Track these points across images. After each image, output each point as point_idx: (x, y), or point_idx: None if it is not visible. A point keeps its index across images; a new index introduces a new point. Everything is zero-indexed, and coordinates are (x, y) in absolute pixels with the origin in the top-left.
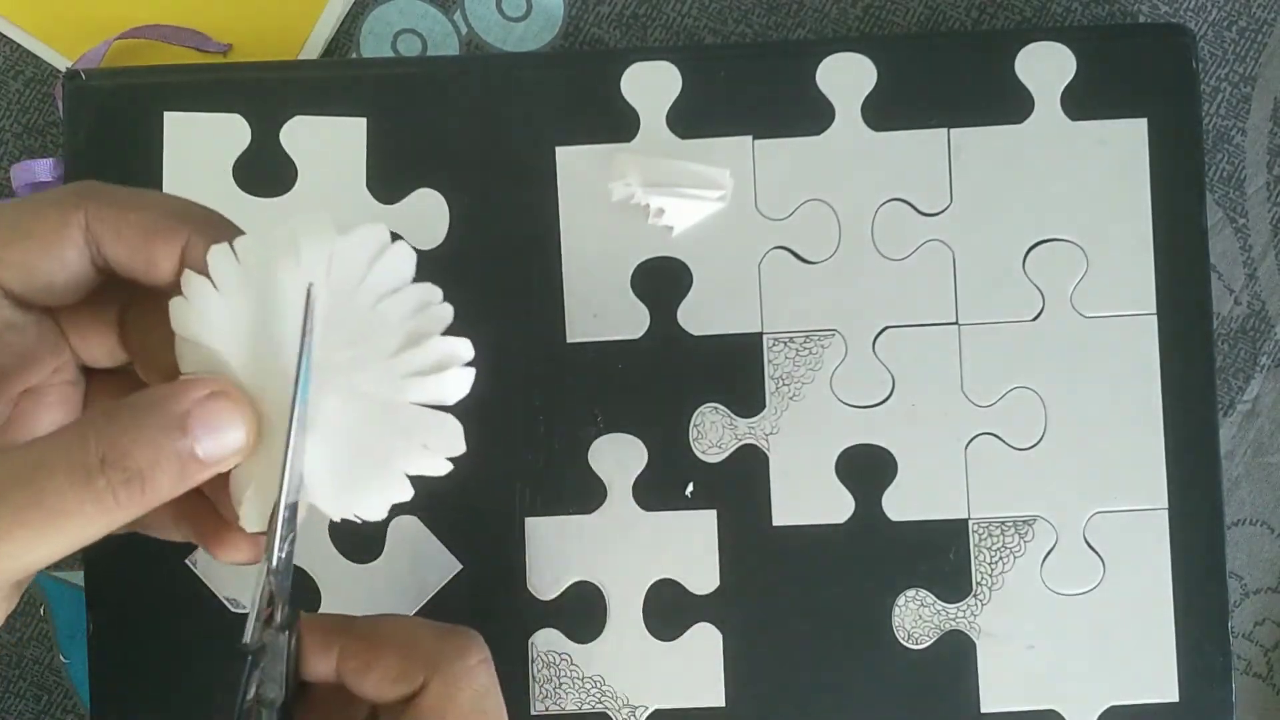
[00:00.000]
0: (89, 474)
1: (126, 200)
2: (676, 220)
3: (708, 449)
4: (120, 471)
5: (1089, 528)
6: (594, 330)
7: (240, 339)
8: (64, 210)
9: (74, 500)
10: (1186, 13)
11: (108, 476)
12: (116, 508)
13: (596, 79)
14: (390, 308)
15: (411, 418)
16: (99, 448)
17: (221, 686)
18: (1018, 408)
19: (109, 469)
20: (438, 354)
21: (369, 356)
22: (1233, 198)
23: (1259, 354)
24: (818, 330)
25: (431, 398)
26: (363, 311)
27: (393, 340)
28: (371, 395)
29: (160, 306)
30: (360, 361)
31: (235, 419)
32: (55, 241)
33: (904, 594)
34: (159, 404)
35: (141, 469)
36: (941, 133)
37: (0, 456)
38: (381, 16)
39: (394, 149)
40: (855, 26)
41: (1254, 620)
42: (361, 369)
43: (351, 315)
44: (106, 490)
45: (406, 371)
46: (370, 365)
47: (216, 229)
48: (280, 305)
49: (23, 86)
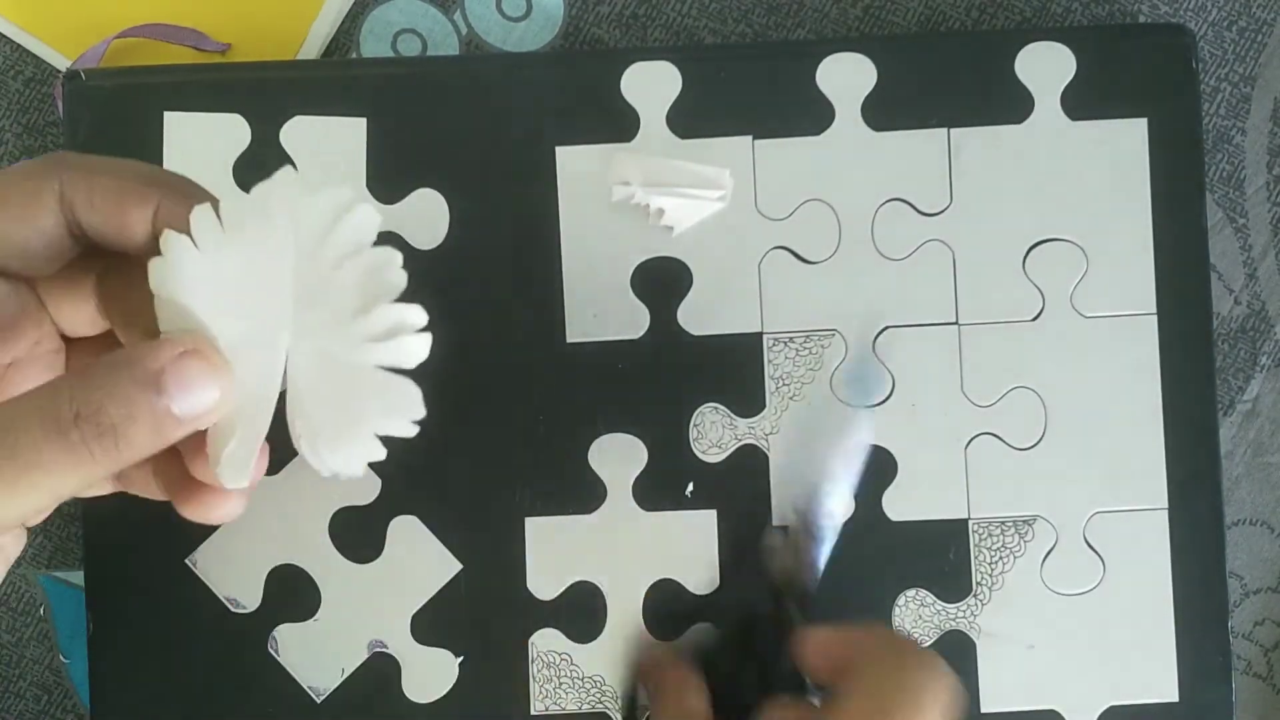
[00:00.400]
0: (62, 427)
1: (98, 166)
2: (676, 220)
3: (708, 449)
4: (94, 426)
5: (1089, 528)
6: (594, 330)
7: (218, 297)
8: (37, 179)
9: (48, 453)
10: (1186, 13)
11: (81, 430)
12: (91, 460)
13: (596, 79)
14: (349, 269)
15: (375, 381)
16: (74, 402)
17: (222, 685)
18: (1018, 408)
19: (82, 422)
20: (388, 321)
21: (331, 318)
22: (1233, 198)
23: (1259, 354)
24: (818, 330)
25: (391, 362)
26: (325, 271)
27: (351, 302)
28: (336, 356)
29: (136, 271)
30: (324, 323)
31: (209, 377)
32: (31, 210)
33: (904, 594)
34: (134, 361)
35: (115, 423)
36: (941, 133)
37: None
38: (381, 16)
39: (394, 149)
40: (855, 26)
41: (1254, 620)
42: (326, 330)
43: (314, 274)
44: (80, 443)
45: (364, 336)
46: (333, 327)
47: (186, 192)
48: (256, 263)
49: (22, 86)
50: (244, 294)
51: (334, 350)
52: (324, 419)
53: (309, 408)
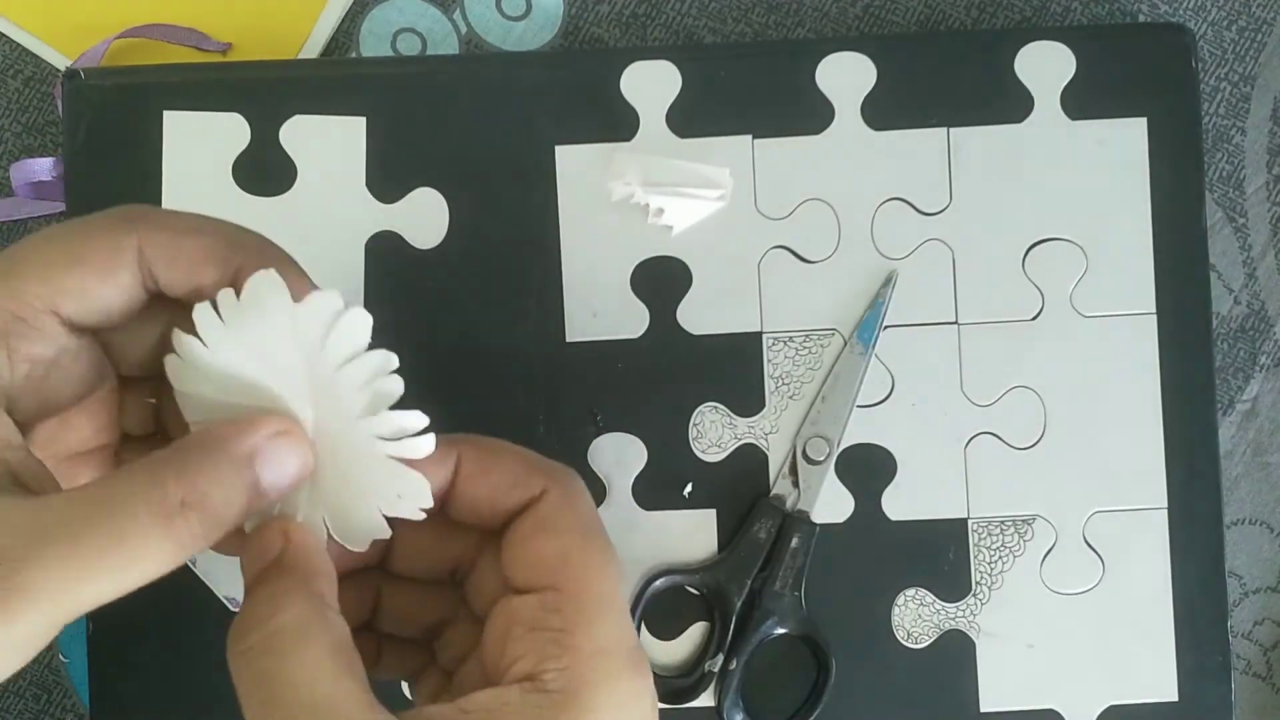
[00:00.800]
0: (168, 514)
1: (180, 226)
2: (676, 219)
3: (707, 448)
4: (199, 512)
5: (1088, 527)
6: (593, 329)
7: (235, 387)
8: (116, 235)
9: (155, 540)
10: (1186, 12)
11: (185, 517)
12: (191, 544)
13: (596, 78)
14: (349, 374)
15: (385, 472)
16: (178, 490)
17: (222, 685)
18: (1017, 407)
19: (188, 510)
20: (392, 426)
21: (341, 411)
22: (1232, 197)
23: (1258, 353)
24: (817, 330)
25: (398, 455)
26: (327, 374)
27: (355, 405)
28: (349, 443)
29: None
30: (335, 413)
31: (296, 453)
32: (110, 267)
33: (903, 593)
34: (228, 441)
35: (217, 509)
36: (941, 132)
37: (74, 494)
38: (381, 16)
39: (393, 148)
40: (855, 26)
41: (1253, 620)
42: (337, 420)
43: (320, 371)
44: (184, 529)
45: (372, 434)
46: (343, 419)
47: (266, 254)
48: (265, 354)
49: (22, 85)
50: (259, 382)
51: (346, 438)
52: (336, 497)
53: (322, 484)
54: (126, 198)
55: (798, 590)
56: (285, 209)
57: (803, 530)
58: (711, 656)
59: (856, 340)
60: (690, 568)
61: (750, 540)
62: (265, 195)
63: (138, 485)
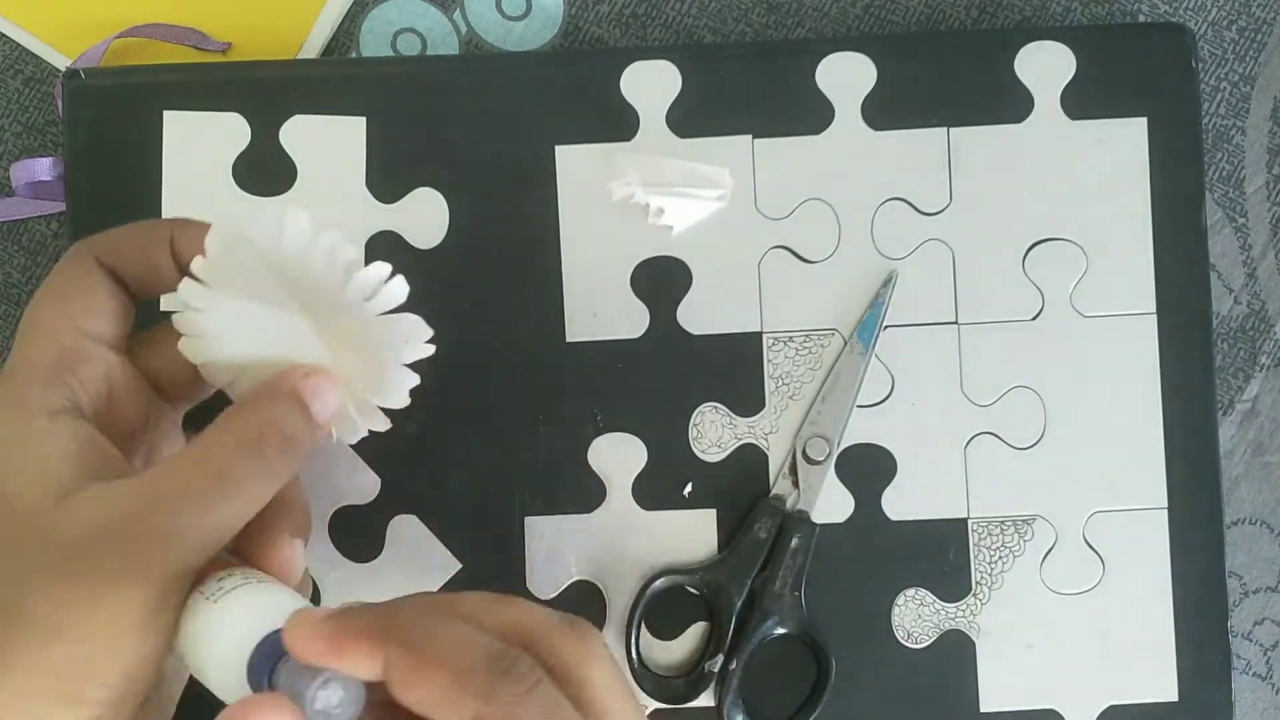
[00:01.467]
0: (254, 444)
1: (116, 233)
2: (676, 219)
3: (707, 448)
4: (275, 438)
5: (1088, 527)
6: (593, 329)
7: (240, 339)
8: (81, 260)
9: (248, 466)
10: (1186, 12)
11: (266, 444)
12: (279, 466)
13: (596, 78)
14: (315, 261)
15: (383, 326)
16: (255, 423)
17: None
18: (1017, 407)
19: (266, 438)
20: (368, 284)
21: (327, 305)
22: (1232, 197)
23: (1258, 353)
24: (817, 329)
25: (384, 307)
26: (301, 274)
27: (333, 285)
28: (345, 325)
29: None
30: (323, 307)
31: (329, 384)
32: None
33: (903, 593)
34: (275, 384)
35: (287, 432)
36: (941, 132)
37: (174, 456)
38: (381, 15)
39: (393, 148)
40: (855, 26)
41: (1253, 620)
42: (327, 313)
43: (294, 282)
44: (270, 455)
45: (357, 300)
46: (332, 308)
47: (190, 224)
48: (249, 294)
49: (22, 85)
50: (257, 316)
51: (340, 322)
52: (356, 373)
53: (344, 373)
54: (126, 198)
55: (798, 590)
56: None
57: (803, 530)
58: (711, 657)
59: (856, 340)
60: (690, 568)
61: (750, 540)
62: (265, 195)
63: (221, 430)
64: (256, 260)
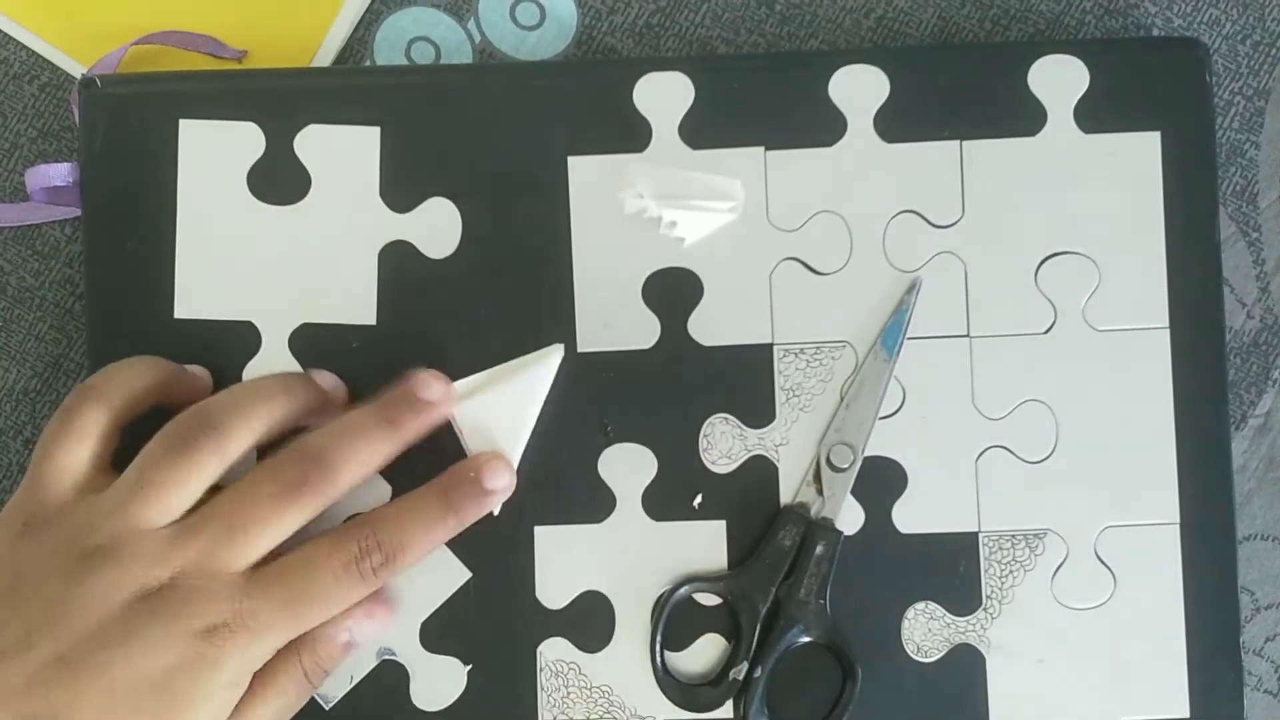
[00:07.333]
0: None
1: (115, 372)
2: (688, 231)
3: (718, 459)
4: (456, 518)
5: (1100, 542)
6: (605, 340)
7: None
8: (86, 401)
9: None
10: (1200, 26)
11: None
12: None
13: (609, 89)
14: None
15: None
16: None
17: None
18: (1029, 421)
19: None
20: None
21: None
22: (1246, 211)
23: (1271, 368)
24: (829, 342)
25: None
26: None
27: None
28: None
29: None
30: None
31: (506, 467)
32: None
33: (913, 607)
34: (464, 468)
35: (490, 491)
36: (954, 145)
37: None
38: (395, 24)
39: (407, 158)
40: (868, 38)
41: (1265, 636)
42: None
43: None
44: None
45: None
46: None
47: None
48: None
49: (38, 91)
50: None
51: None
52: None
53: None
54: (142, 204)
55: (822, 598)
56: (299, 218)
57: (827, 538)
58: (736, 665)
59: (880, 348)
60: (714, 575)
61: (775, 548)
62: (279, 204)
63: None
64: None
